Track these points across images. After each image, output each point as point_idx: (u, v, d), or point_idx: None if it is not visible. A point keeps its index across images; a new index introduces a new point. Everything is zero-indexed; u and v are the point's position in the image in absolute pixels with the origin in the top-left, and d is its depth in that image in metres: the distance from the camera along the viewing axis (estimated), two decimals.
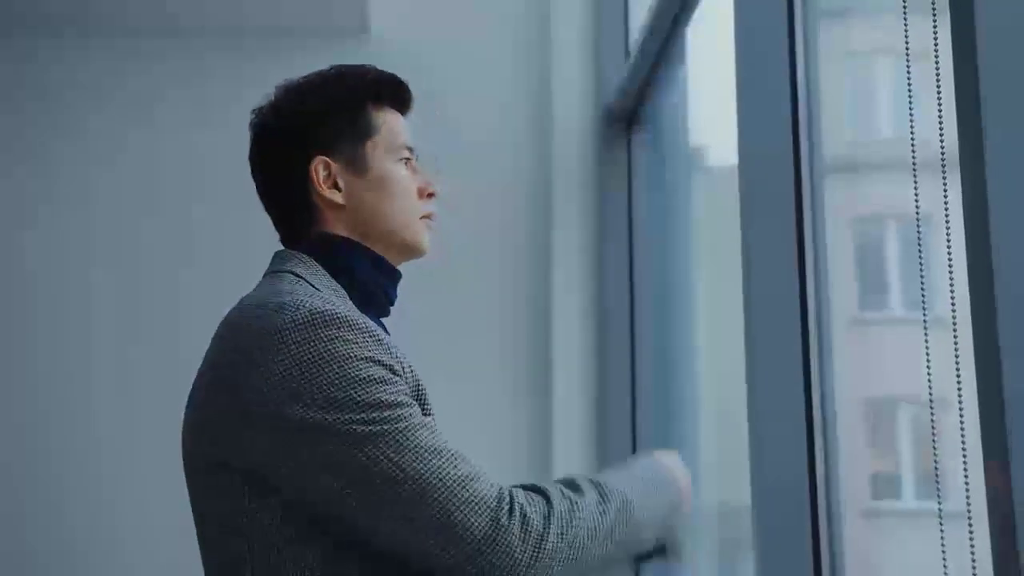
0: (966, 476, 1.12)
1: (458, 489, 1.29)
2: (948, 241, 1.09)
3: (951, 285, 1.10)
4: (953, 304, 1.12)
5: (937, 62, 1.10)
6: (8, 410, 3.02)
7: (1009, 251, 1.04)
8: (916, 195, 1.22)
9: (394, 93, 1.62)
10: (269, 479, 1.33)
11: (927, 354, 1.24)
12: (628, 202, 3.17)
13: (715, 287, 2.63)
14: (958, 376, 1.15)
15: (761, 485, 1.83)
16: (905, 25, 1.26)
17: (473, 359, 3.05)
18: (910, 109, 1.20)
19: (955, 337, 1.14)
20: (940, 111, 1.09)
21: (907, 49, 1.24)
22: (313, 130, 1.54)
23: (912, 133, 1.20)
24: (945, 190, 1.13)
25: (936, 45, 1.09)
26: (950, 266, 1.11)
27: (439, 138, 3.22)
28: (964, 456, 1.12)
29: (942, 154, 1.12)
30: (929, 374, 1.25)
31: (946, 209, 1.12)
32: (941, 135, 1.10)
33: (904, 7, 1.27)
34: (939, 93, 1.09)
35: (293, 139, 1.55)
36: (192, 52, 3.19)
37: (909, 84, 1.21)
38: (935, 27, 1.11)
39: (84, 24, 3.12)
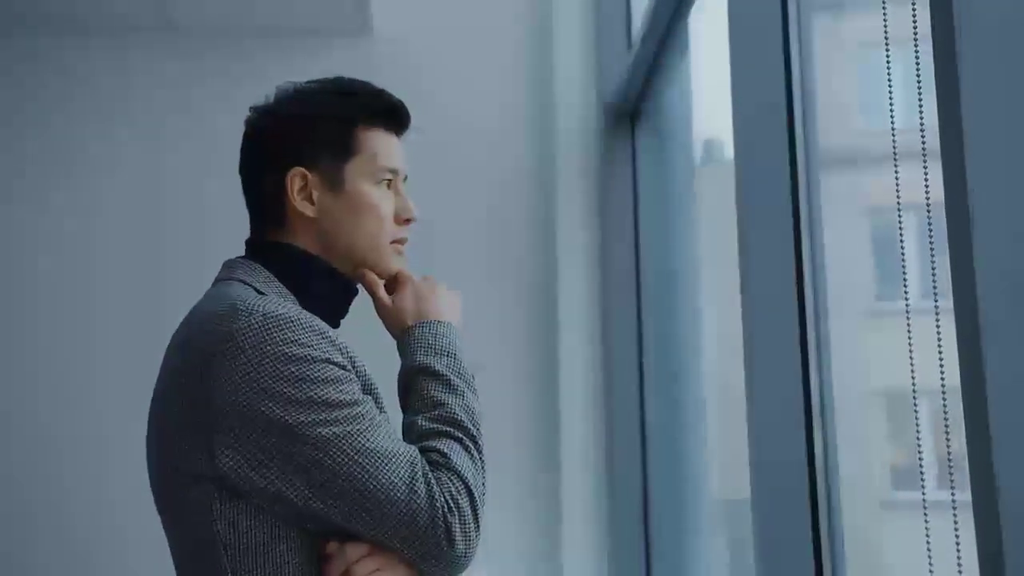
0: (950, 465, 1.12)
1: (407, 491, 1.37)
2: (929, 228, 1.09)
3: (932, 273, 1.09)
4: (935, 292, 1.11)
5: (916, 48, 1.09)
6: (8, 410, 3.03)
7: (989, 237, 1.04)
8: (897, 183, 1.21)
9: (388, 115, 1.61)
10: (240, 485, 1.36)
11: (909, 344, 1.23)
12: (633, 197, 3.16)
13: (722, 281, 2.62)
14: (941, 365, 1.14)
15: (760, 480, 1.83)
16: (884, 13, 1.25)
17: (481, 358, 3.05)
18: (890, 98, 1.19)
19: (937, 326, 1.13)
20: (920, 98, 1.08)
21: (886, 39, 1.23)
22: (296, 141, 1.55)
23: (892, 122, 1.19)
24: (926, 176, 1.12)
25: (915, 31, 1.09)
26: (931, 253, 1.10)
27: (442, 138, 3.24)
28: (948, 445, 1.11)
29: (922, 141, 1.11)
30: (912, 363, 1.24)
31: (927, 195, 1.11)
32: (921, 123, 1.09)
33: None
34: (919, 80, 1.08)
35: (276, 146, 1.57)
36: (194, 52, 3.20)
37: (888, 73, 1.21)
38: (914, 13, 1.10)
39: (84, 24, 3.13)
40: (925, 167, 1.20)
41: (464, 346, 1.59)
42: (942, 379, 1.13)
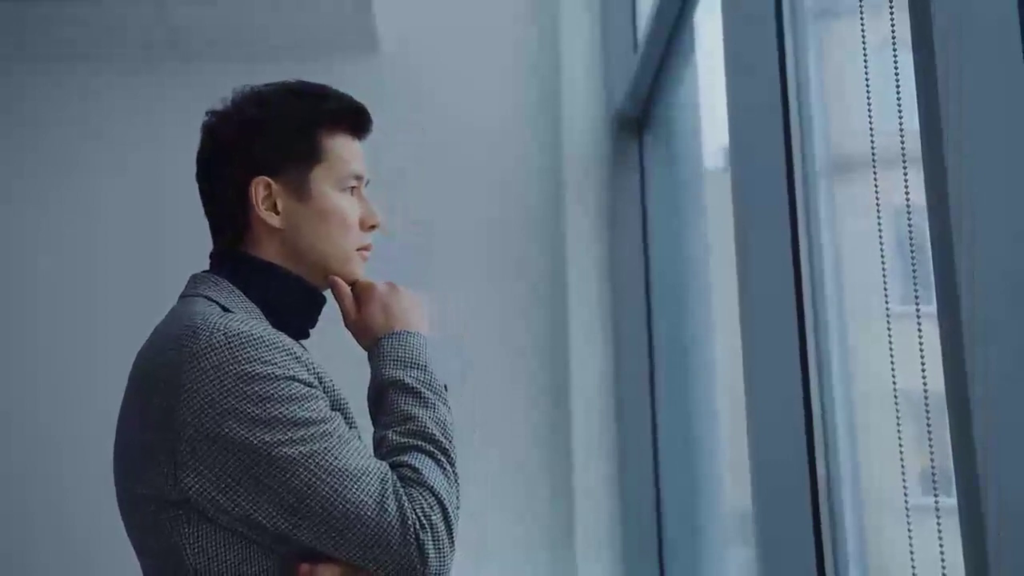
0: (933, 472, 1.11)
1: (378, 510, 1.34)
2: (910, 233, 1.08)
3: (913, 277, 1.08)
4: (917, 296, 1.10)
5: (895, 52, 1.08)
6: (9, 410, 3.04)
7: (974, 240, 1.03)
8: (877, 185, 1.20)
9: (349, 120, 1.56)
10: (207, 508, 1.34)
11: (890, 347, 1.22)
12: (642, 202, 3.16)
13: (733, 287, 2.61)
14: (923, 370, 1.13)
15: (762, 486, 1.82)
16: (861, 19, 1.24)
17: (493, 369, 3.05)
18: (868, 101, 1.18)
19: (919, 330, 1.12)
20: (899, 103, 1.07)
21: (864, 42, 1.22)
22: (258, 148, 1.50)
23: (871, 126, 1.18)
24: (906, 180, 1.11)
25: (893, 38, 1.08)
26: (913, 258, 1.09)
27: (448, 144, 3.23)
28: (931, 451, 1.10)
29: (902, 144, 1.10)
30: (893, 367, 1.23)
31: (907, 200, 1.10)
32: (901, 127, 1.08)
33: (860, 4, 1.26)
34: (897, 83, 1.07)
35: (237, 154, 1.51)
36: (201, 71, 3.18)
37: (867, 77, 1.20)
38: (892, 14, 1.09)
39: (94, 43, 3.13)
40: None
41: (437, 356, 1.56)
42: (924, 383, 1.12)
